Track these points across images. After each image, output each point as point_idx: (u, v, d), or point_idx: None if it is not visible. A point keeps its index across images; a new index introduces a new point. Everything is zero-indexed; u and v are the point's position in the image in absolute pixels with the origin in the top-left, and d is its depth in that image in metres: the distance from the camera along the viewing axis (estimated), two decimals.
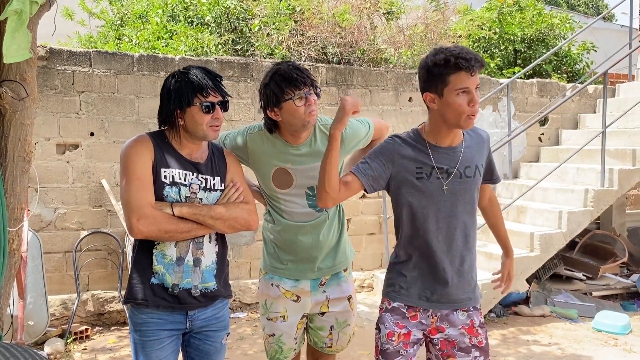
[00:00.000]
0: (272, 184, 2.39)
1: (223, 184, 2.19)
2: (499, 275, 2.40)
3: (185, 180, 2.09)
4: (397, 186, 2.09)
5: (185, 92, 2.04)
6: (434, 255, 2.09)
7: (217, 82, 2.11)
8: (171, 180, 2.07)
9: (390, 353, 2.09)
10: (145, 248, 2.09)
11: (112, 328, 4.76)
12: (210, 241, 2.16)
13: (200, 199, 2.12)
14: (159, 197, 2.05)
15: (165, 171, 2.07)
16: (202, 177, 2.13)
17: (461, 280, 2.13)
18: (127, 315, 2.20)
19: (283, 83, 2.23)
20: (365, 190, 2.10)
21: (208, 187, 2.14)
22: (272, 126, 2.35)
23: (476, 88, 1.94)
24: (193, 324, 2.15)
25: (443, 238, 2.09)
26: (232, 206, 2.15)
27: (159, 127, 2.17)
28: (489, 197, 2.36)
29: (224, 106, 2.12)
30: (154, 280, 2.08)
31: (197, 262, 2.11)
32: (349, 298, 2.51)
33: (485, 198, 2.34)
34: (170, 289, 2.07)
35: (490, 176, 2.25)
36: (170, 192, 2.06)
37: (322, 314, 2.49)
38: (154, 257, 2.07)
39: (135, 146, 2.07)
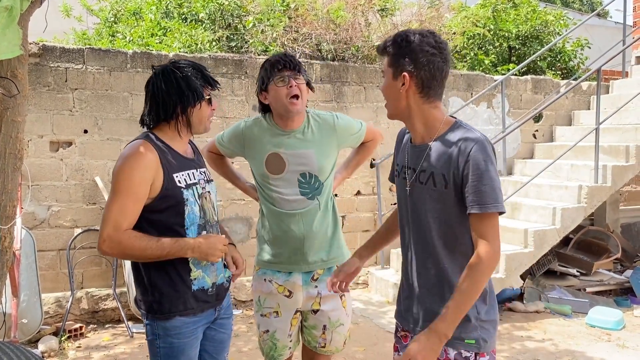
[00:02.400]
0: (265, 169, 2.43)
1: (210, 175, 2.24)
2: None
3: (195, 178, 2.10)
4: None
5: (197, 86, 2.03)
6: (405, 258, 1.94)
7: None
8: (185, 183, 2.04)
9: None
10: (175, 261, 2.01)
11: (107, 326, 4.75)
12: (219, 233, 2.22)
13: (209, 192, 2.16)
14: (180, 201, 2.01)
15: (177, 176, 2.02)
16: (201, 171, 2.17)
17: (418, 299, 1.87)
18: (149, 326, 2.06)
19: (269, 67, 2.38)
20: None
21: (207, 178, 2.19)
22: (266, 110, 2.48)
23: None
24: (219, 314, 2.19)
25: (404, 245, 1.93)
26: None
27: (150, 127, 2.08)
28: (476, 243, 1.71)
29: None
30: (195, 287, 2.05)
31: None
32: (342, 296, 2.52)
33: (474, 239, 1.73)
34: (210, 289, 2.09)
35: (469, 200, 1.70)
36: (188, 195, 2.03)
37: (315, 312, 2.49)
38: (190, 265, 2.04)
39: (138, 158, 1.95)
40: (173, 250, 1.95)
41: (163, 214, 2.00)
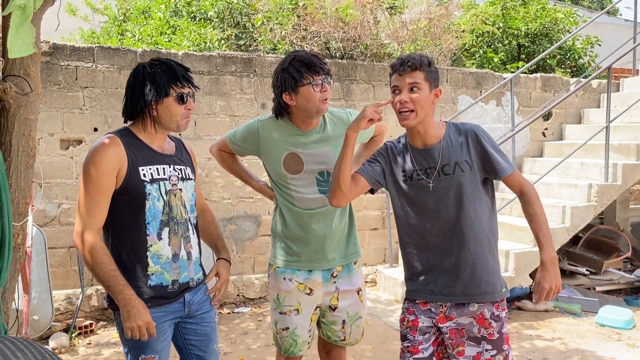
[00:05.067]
0: (283, 169, 2.42)
1: (194, 174, 2.23)
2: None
3: (164, 174, 2.10)
4: (390, 184, 2.27)
5: (162, 82, 2.03)
6: (427, 249, 2.21)
7: (188, 73, 2.12)
8: (150, 177, 2.05)
9: (402, 335, 2.26)
10: (133, 253, 2.05)
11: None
12: (193, 233, 2.19)
13: (180, 189, 2.13)
14: (140, 194, 2.03)
15: (143, 169, 2.04)
16: (177, 168, 2.15)
17: (457, 274, 2.17)
18: (116, 319, 2.11)
19: (302, 68, 2.31)
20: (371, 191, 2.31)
21: (183, 176, 2.16)
22: (283, 111, 2.40)
23: (409, 85, 2.14)
24: (190, 309, 2.19)
25: (436, 232, 2.19)
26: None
27: (125, 122, 2.14)
28: (519, 191, 2.19)
29: (193, 97, 2.14)
30: (151, 282, 2.06)
31: (189, 255, 2.16)
32: (359, 291, 2.55)
33: (516, 191, 2.21)
34: (170, 286, 2.09)
35: (492, 170, 2.16)
36: (151, 189, 2.05)
37: (334, 309, 2.51)
38: (149, 260, 2.05)
39: (101, 152, 1.98)
40: (115, 288, 1.95)
41: (125, 206, 2.02)
